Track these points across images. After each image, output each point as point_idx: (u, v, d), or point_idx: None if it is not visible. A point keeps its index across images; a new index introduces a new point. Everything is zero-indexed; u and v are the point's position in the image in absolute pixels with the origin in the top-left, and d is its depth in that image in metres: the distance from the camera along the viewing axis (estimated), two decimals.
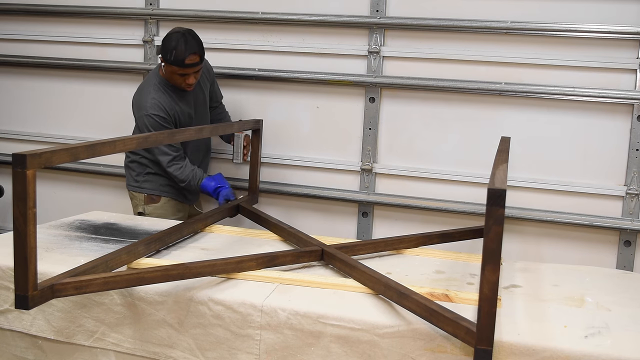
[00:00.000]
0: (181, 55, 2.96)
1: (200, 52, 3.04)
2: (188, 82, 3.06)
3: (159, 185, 3.24)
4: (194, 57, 3.01)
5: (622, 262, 3.17)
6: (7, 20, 4.00)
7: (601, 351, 1.71)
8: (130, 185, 3.31)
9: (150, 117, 3.03)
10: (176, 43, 2.97)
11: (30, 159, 1.67)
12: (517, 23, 3.17)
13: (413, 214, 3.43)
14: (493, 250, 1.56)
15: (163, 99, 3.07)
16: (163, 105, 3.06)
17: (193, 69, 3.03)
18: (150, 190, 3.24)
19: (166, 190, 3.25)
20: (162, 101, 3.06)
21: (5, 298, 2.16)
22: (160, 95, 3.08)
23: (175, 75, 3.04)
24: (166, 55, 2.99)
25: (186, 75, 3.04)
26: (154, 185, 3.24)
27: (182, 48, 2.96)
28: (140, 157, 3.24)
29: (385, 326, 1.85)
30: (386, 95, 3.43)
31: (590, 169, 3.19)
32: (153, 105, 3.04)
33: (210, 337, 1.98)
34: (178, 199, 3.29)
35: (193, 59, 3.00)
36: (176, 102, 3.12)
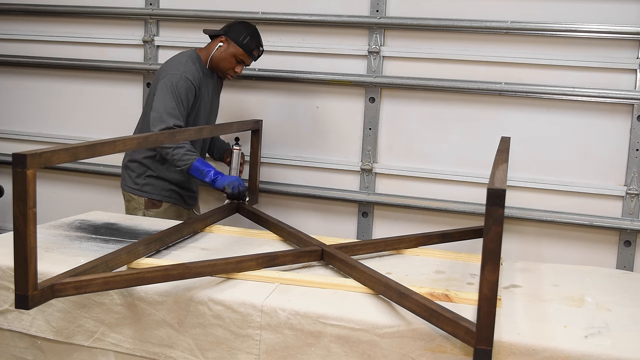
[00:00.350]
0: (254, 44, 3.09)
1: (263, 51, 3.18)
2: (237, 70, 3.14)
3: (161, 190, 3.18)
4: (259, 54, 3.16)
5: (622, 262, 3.17)
6: (7, 20, 4.00)
7: (601, 351, 1.71)
8: (128, 187, 3.22)
9: (183, 79, 2.98)
10: (253, 32, 3.10)
11: (30, 159, 1.67)
12: (517, 23, 3.17)
13: (413, 214, 3.43)
14: (493, 250, 1.56)
15: (198, 75, 3.08)
16: (197, 77, 3.06)
17: (251, 61, 3.15)
18: (151, 195, 3.18)
19: (168, 195, 3.20)
20: (197, 75, 3.07)
21: (5, 298, 2.15)
22: (197, 69, 3.09)
23: (231, 59, 3.09)
24: (239, 37, 3.06)
25: (240, 64, 3.12)
26: (156, 190, 3.18)
27: (257, 39, 3.11)
28: (143, 158, 3.16)
29: (385, 326, 1.85)
30: (386, 95, 3.44)
31: (590, 169, 3.19)
32: (191, 71, 3.03)
33: (210, 337, 1.98)
34: (180, 204, 3.25)
35: (258, 54, 3.16)
36: (205, 85, 3.13)
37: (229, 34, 3.09)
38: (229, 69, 3.13)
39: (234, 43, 3.07)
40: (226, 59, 3.10)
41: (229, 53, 3.09)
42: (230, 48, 3.08)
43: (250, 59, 3.13)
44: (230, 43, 3.08)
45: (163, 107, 2.95)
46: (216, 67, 3.14)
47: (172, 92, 2.96)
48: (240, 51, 3.08)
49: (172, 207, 3.21)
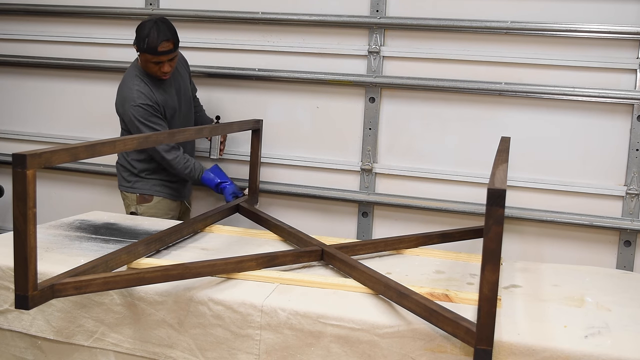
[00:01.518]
0: (154, 43, 2.96)
1: (173, 38, 3.04)
2: (163, 71, 3.06)
3: (152, 185, 3.25)
4: (167, 44, 3.01)
5: (622, 262, 3.17)
6: (7, 20, 4.00)
7: (601, 351, 1.71)
8: (122, 186, 3.32)
9: (140, 107, 3.03)
10: (149, 31, 2.97)
11: (30, 159, 1.67)
12: (517, 23, 3.17)
13: (413, 214, 3.43)
14: (493, 250, 1.56)
15: (146, 89, 3.08)
16: (148, 94, 3.07)
17: (167, 56, 3.03)
18: (142, 190, 3.25)
19: (158, 189, 3.26)
20: (146, 91, 3.07)
21: (5, 298, 2.16)
22: (143, 85, 3.08)
23: (150, 64, 3.04)
24: (139, 44, 3.00)
25: (161, 64, 3.04)
26: (147, 185, 3.25)
27: (154, 35, 2.97)
28: (132, 159, 3.25)
29: (385, 326, 1.85)
30: (386, 95, 3.44)
31: (590, 169, 3.19)
32: (139, 95, 3.04)
33: (210, 337, 1.98)
34: (170, 197, 3.31)
35: (166, 46, 3.00)
36: (158, 92, 3.13)
37: (135, 42, 3.06)
38: (157, 73, 3.08)
39: (141, 52, 3.04)
40: (147, 67, 3.07)
41: (144, 61, 3.06)
42: (142, 56, 3.06)
43: (163, 55, 3.01)
44: (140, 53, 3.06)
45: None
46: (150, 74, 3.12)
47: (142, 123, 3.04)
48: (148, 56, 3.01)
49: (162, 201, 3.28)
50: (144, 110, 3.04)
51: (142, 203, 3.25)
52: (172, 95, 3.21)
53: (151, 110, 3.06)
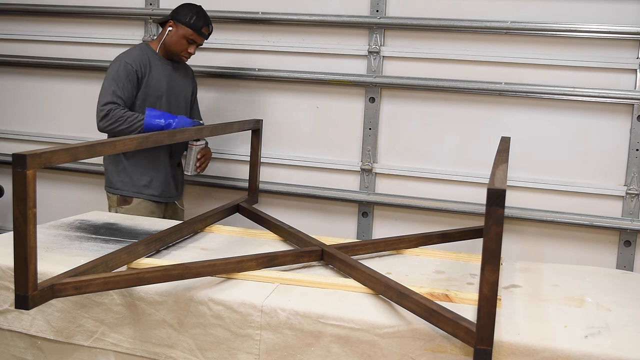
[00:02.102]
0: (201, 22, 3.14)
1: (212, 28, 3.23)
2: (190, 51, 3.18)
3: (132, 187, 3.22)
4: (208, 30, 3.20)
5: (622, 262, 3.17)
6: (7, 20, 4.00)
7: (601, 351, 1.71)
8: (106, 186, 3.30)
9: (121, 63, 3.08)
10: (199, 11, 3.16)
11: (30, 159, 1.67)
12: (517, 23, 3.17)
13: (413, 214, 3.44)
14: (493, 250, 1.56)
15: (142, 57, 3.14)
16: (138, 59, 3.12)
17: (202, 40, 3.19)
18: (122, 191, 3.22)
19: (139, 190, 3.22)
20: (139, 57, 3.13)
21: (5, 298, 2.16)
22: (141, 53, 3.16)
23: (183, 40, 3.14)
24: (185, 18, 3.11)
25: (192, 44, 3.16)
26: (127, 186, 3.22)
27: (202, 16, 3.15)
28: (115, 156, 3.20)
29: (385, 326, 1.85)
30: (386, 95, 3.44)
31: (590, 169, 3.19)
32: (131, 56, 3.12)
33: (210, 337, 1.98)
34: (152, 199, 3.25)
35: (207, 31, 3.20)
36: (155, 70, 3.17)
37: (175, 17, 3.15)
38: (182, 51, 3.17)
39: (182, 25, 3.12)
40: (177, 42, 3.15)
41: (179, 35, 3.14)
42: (180, 30, 3.13)
43: (201, 37, 3.18)
44: (178, 26, 3.14)
45: (105, 89, 3.06)
46: (169, 51, 3.19)
47: (113, 77, 3.06)
48: (189, 31, 3.12)
49: (143, 203, 3.23)
50: (124, 68, 3.07)
51: (122, 204, 3.21)
52: (164, 80, 3.20)
53: (130, 74, 3.07)
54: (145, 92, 3.14)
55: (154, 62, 3.18)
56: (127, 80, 3.06)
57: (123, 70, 3.06)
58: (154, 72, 3.16)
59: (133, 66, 3.08)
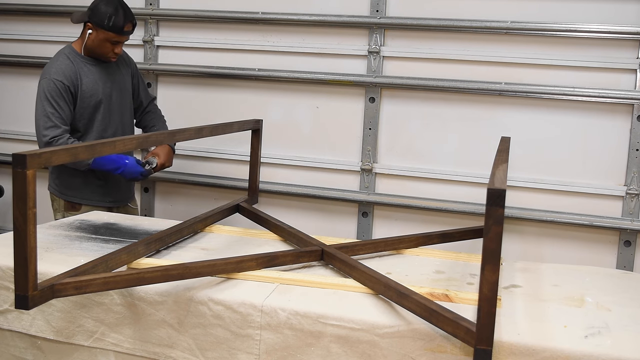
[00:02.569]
0: (120, 22, 2.93)
1: (134, 21, 3.03)
2: (116, 52, 3.01)
3: (78, 191, 3.11)
4: (131, 26, 3.01)
5: (622, 262, 3.17)
6: (7, 20, 4.00)
7: (601, 351, 1.71)
8: (50, 186, 3.19)
9: (52, 81, 2.92)
10: (114, 10, 2.93)
11: (30, 159, 1.67)
12: (517, 23, 3.17)
13: (413, 214, 3.44)
14: (493, 250, 1.56)
15: (70, 67, 2.98)
16: (68, 73, 2.96)
17: (126, 38, 3.02)
18: (70, 197, 3.12)
19: (87, 197, 3.12)
20: (67, 69, 2.97)
21: (5, 298, 2.16)
22: (68, 63, 2.99)
23: (106, 43, 2.97)
24: (102, 22, 2.91)
25: (117, 44, 3.00)
26: (74, 192, 3.12)
27: (121, 15, 2.94)
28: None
29: (385, 326, 1.85)
30: (386, 95, 3.44)
31: (590, 169, 3.19)
32: (58, 71, 2.95)
33: (210, 337, 1.98)
34: (101, 204, 3.14)
35: (130, 27, 3.00)
36: (84, 75, 3.02)
37: (92, 19, 2.95)
38: (109, 54, 3.01)
39: (101, 29, 2.93)
40: (100, 46, 2.98)
41: (100, 39, 2.96)
42: (100, 34, 2.95)
43: (125, 36, 3.00)
44: (97, 30, 2.94)
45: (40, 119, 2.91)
46: (95, 54, 3.03)
47: (46, 98, 2.92)
48: (110, 34, 2.94)
49: (93, 209, 3.07)
50: (55, 86, 2.91)
51: (70, 210, 3.10)
52: (99, 85, 3.05)
53: (62, 91, 2.92)
54: (82, 104, 3.01)
55: (83, 70, 3.02)
56: (61, 98, 2.93)
57: (55, 89, 2.92)
58: (85, 82, 3.02)
59: (65, 83, 2.94)
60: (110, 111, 3.11)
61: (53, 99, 2.92)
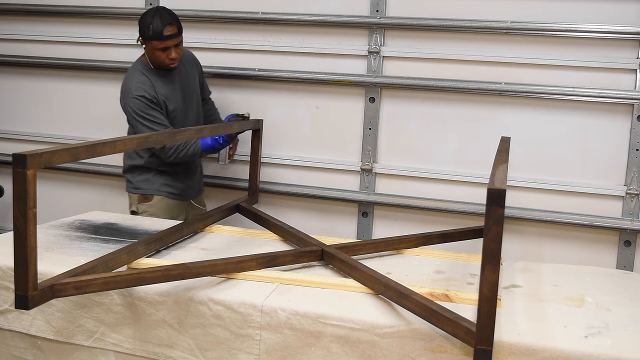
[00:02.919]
0: (159, 28, 3.00)
1: (176, 22, 3.06)
2: (171, 57, 3.07)
3: (152, 184, 3.24)
4: (172, 28, 3.03)
5: (622, 262, 3.17)
6: (7, 20, 4.00)
7: (601, 351, 1.71)
8: (127, 187, 3.34)
9: (136, 99, 3.03)
10: (151, 18, 3.02)
11: (30, 159, 1.67)
12: (517, 23, 3.17)
13: (413, 214, 3.43)
14: (493, 250, 1.56)
15: (147, 82, 3.08)
16: (146, 87, 3.07)
17: (173, 40, 3.05)
18: (144, 191, 3.25)
19: (158, 188, 3.25)
20: (145, 84, 3.07)
21: (5, 298, 2.16)
22: (143, 79, 3.09)
23: (157, 52, 3.05)
24: (145, 33, 3.03)
25: (168, 50, 3.05)
26: (149, 185, 3.24)
27: (158, 21, 3.01)
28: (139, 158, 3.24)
29: (385, 326, 1.85)
30: (386, 95, 3.44)
31: (590, 169, 3.19)
32: (137, 87, 3.05)
33: (210, 337, 1.98)
34: (171, 197, 3.28)
35: (171, 30, 3.03)
36: (160, 86, 3.12)
37: (140, 33, 3.09)
38: (165, 61, 3.09)
39: (147, 40, 3.05)
40: (155, 55, 3.08)
41: (151, 50, 3.07)
42: (149, 46, 3.07)
43: (170, 39, 3.04)
44: (146, 42, 3.07)
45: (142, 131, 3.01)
46: (157, 65, 3.13)
47: (140, 116, 3.03)
48: (155, 43, 3.03)
49: (163, 200, 3.25)
50: (141, 102, 3.03)
51: (143, 202, 3.25)
52: (175, 91, 3.19)
53: (149, 103, 3.04)
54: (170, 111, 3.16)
55: (157, 82, 3.13)
56: (153, 110, 3.05)
57: (143, 104, 3.03)
58: (162, 92, 3.13)
59: (147, 96, 3.05)
60: (185, 115, 3.24)
61: (147, 114, 3.03)
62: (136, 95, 3.04)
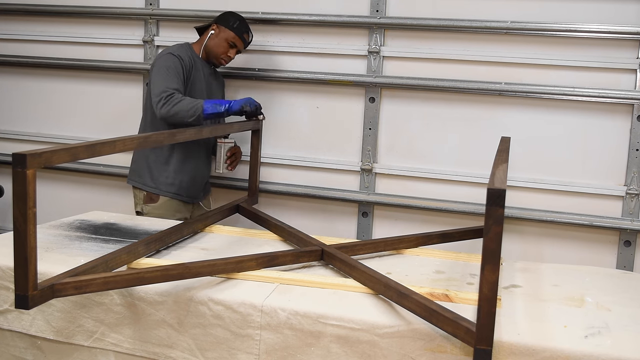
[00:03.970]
0: (243, 27, 3.25)
1: (252, 37, 3.32)
2: (230, 55, 3.25)
3: (159, 184, 3.20)
4: (249, 36, 3.30)
5: (622, 262, 3.17)
6: (7, 20, 4.00)
7: (601, 351, 1.71)
8: (130, 180, 3.29)
9: (173, 56, 3.10)
10: (242, 19, 3.27)
11: (30, 159, 1.67)
12: (517, 23, 3.17)
13: (413, 214, 3.43)
14: (493, 250, 1.56)
15: (188, 55, 3.18)
16: (187, 60, 3.15)
17: (243, 44, 3.28)
18: (150, 188, 3.21)
19: (165, 189, 3.21)
20: (185, 55, 3.16)
21: (5, 298, 2.16)
22: (187, 53, 3.19)
23: (224, 43, 3.22)
24: (229, 22, 3.22)
25: (233, 48, 3.24)
26: (155, 183, 3.21)
27: (245, 24, 3.27)
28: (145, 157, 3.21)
29: (385, 326, 1.85)
30: (386, 95, 3.44)
31: (590, 169, 3.19)
32: (179, 51, 3.15)
33: (210, 337, 1.98)
34: (178, 198, 3.25)
35: (248, 38, 3.30)
36: (196, 73, 3.20)
37: (219, 21, 3.24)
38: (223, 54, 3.24)
39: (225, 28, 3.22)
40: (219, 44, 3.22)
41: (221, 38, 3.22)
42: (222, 33, 3.22)
43: (242, 42, 3.26)
44: (221, 29, 3.22)
45: (160, 80, 3.01)
46: (210, 53, 3.26)
47: (165, 68, 3.06)
48: (232, 34, 3.21)
49: (169, 202, 3.22)
50: (177, 59, 3.09)
51: (149, 203, 3.22)
52: (203, 86, 3.25)
53: (180, 67, 3.09)
54: (188, 92, 3.16)
55: (197, 63, 3.22)
56: (177, 74, 3.07)
57: (174, 63, 3.08)
58: (196, 74, 3.21)
59: (184, 62, 3.12)
60: None
61: (172, 72, 3.05)
62: (173, 53, 3.11)
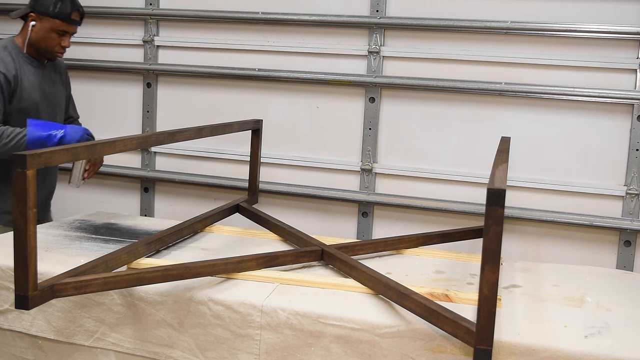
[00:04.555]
0: (68, 9, 2.71)
1: (82, 12, 2.81)
2: (64, 44, 2.79)
3: None
4: (79, 15, 2.79)
5: (622, 262, 3.17)
6: (7, 20, 3.99)
7: (601, 351, 1.71)
8: None
9: None
10: None
11: (30, 159, 1.67)
12: (517, 23, 3.17)
13: (413, 214, 3.43)
14: (493, 250, 1.56)
15: (11, 64, 2.73)
16: (9, 68, 2.71)
17: (74, 27, 2.79)
18: None
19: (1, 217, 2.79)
20: (9, 65, 2.72)
21: (5, 298, 2.16)
22: (9, 60, 2.73)
23: (52, 34, 2.73)
24: (48, 8, 2.68)
25: (64, 35, 2.77)
26: None
27: (68, 2, 2.73)
28: None
29: (385, 326, 1.85)
30: (386, 95, 3.44)
31: (590, 169, 3.19)
32: (3, 64, 2.69)
33: (210, 337, 1.99)
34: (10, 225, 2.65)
35: (77, 17, 2.78)
36: (23, 74, 2.77)
37: (36, 8, 2.72)
38: (55, 46, 2.77)
39: (46, 16, 2.70)
40: (46, 37, 2.74)
41: (46, 29, 2.72)
42: (45, 23, 2.71)
43: (73, 25, 2.77)
44: (42, 18, 2.71)
45: None
46: (39, 49, 2.79)
47: None
48: (57, 22, 2.71)
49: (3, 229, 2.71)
50: None
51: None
52: (36, 92, 2.83)
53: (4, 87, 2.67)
54: (18, 106, 2.75)
55: (24, 70, 2.77)
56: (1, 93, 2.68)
57: None
58: (25, 81, 2.77)
59: (7, 76, 2.69)
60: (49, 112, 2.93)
61: None
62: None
